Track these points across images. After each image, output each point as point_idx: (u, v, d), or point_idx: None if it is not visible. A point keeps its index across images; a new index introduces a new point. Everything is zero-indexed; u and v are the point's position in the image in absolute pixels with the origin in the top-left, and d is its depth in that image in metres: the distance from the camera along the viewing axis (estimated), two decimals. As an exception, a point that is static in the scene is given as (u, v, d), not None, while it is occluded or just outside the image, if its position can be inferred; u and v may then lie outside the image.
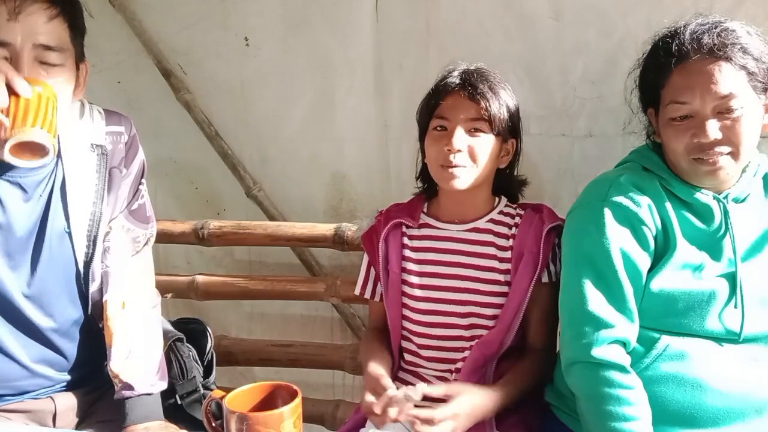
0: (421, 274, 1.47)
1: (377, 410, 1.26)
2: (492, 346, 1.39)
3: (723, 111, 1.22)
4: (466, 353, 1.41)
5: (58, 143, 1.15)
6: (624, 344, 1.24)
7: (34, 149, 1.14)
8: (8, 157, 1.12)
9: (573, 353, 1.26)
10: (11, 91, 1.12)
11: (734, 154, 1.23)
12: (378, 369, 1.37)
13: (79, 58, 1.30)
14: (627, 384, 1.21)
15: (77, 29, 1.29)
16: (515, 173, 1.53)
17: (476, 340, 1.41)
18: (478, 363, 1.39)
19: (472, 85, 1.38)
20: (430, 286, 1.46)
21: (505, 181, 1.50)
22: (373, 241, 1.53)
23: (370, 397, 1.30)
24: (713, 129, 1.22)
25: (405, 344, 1.49)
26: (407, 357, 1.50)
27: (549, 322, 1.44)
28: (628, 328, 1.24)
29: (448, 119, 1.39)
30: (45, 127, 1.13)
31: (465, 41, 1.73)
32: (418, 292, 1.46)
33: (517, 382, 1.38)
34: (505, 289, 1.42)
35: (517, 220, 1.46)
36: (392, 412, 1.24)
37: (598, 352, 1.22)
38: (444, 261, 1.46)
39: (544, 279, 1.42)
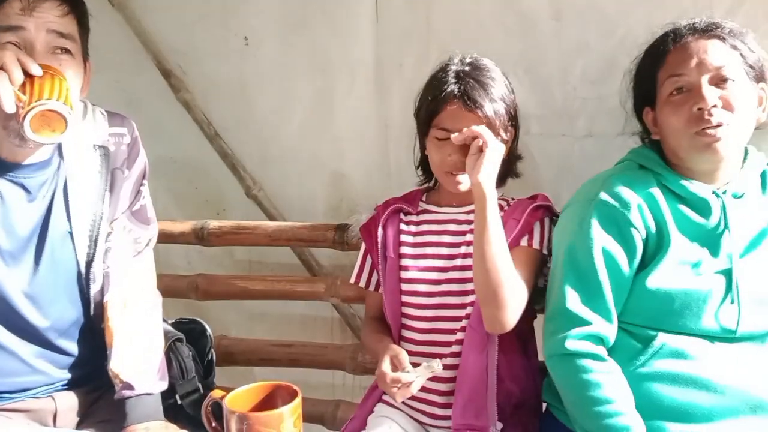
0: (417, 257, 1.49)
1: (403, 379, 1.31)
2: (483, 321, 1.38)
3: (719, 81, 1.25)
4: (460, 335, 1.42)
5: (65, 144, 1.19)
6: (601, 339, 1.28)
7: (53, 123, 1.16)
8: (28, 132, 1.15)
9: (551, 346, 1.31)
10: (25, 73, 1.15)
11: (732, 127, 1.24)
12: (395, 348, 1.41)
13: (85, 56, 1.32)
14: (601, 369, 1.24)
15: (84, 27, 1.32)
16: (515, 154, 1.53)
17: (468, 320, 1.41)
18: (475, 341, 1.39)
19: (468, 95, 1.39)
20: (427, 268, 1.48)
21: (504, 166, 1.50)
22: (371, 230, 1.56)
23: (387, 367, 1.35)
24: (711, 94, 1.24)
25: (404, 333, 1.49)
26: (404, 345, 1.48)
27: (529, 286, 1.40)
28: (604, 326, 1.27)
29: (448, 130, 1.41)
30: (62, 99, 1.16)
31: (465, 41, 1.73)
32: (416, 274, 1.48)
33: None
34: None
35: (512, 203, 1.49)
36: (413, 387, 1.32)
37: (571, 344, 1.26)
38: (440, 242, 1.49)
39: (524, 243, 1.42)
